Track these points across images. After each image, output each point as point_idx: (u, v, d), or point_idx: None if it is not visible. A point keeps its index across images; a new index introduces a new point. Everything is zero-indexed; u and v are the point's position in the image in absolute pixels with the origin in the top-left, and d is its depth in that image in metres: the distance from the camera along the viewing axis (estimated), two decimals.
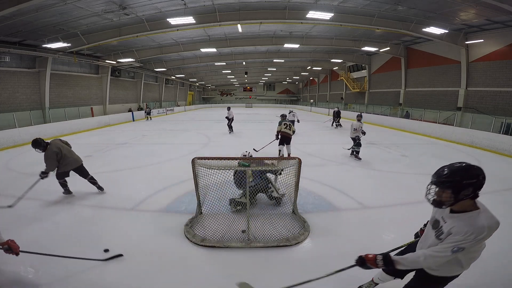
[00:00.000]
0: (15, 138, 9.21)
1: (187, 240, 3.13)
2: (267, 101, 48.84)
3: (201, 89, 48.58)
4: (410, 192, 4.79)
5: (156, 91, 28.04)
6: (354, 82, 25.55)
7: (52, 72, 14.04)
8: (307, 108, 34.17)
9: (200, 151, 8.37)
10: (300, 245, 3.06)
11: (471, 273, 2.57)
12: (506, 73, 11.86)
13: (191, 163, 3.25)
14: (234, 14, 11.02)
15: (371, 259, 1.77)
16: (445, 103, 14.82)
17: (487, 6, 9.24)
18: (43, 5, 8.40)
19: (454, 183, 1.42)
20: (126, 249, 2.96)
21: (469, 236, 1.40)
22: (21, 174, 5.81)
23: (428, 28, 11.33)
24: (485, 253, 2.86)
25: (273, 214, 3.56)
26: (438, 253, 1.47)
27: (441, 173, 1.48)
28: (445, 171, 1.47)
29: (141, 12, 10.39)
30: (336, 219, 3.75)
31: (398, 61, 18.66)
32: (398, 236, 3.30)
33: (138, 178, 5.60)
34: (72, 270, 2.60)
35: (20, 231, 3.35)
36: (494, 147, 8.58)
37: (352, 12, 11.18)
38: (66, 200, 4.34)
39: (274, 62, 26.33)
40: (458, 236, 1.42)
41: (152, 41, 15.66)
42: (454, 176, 1.43)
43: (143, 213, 3.90)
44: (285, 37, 16.16)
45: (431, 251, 1.51)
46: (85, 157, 7.46)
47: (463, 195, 1.43)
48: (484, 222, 1.45)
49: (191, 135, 11.80)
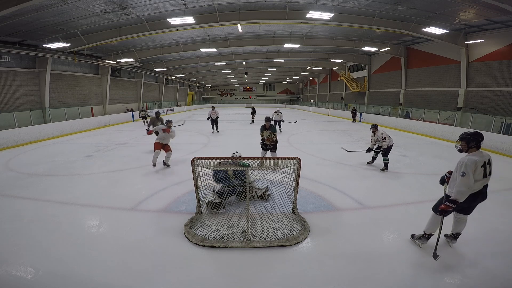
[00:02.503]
0: (15, 138, 9.20)
1: (187, 240, 3.13)
2: (267, 101, 48.84)
3: (201, 89, 48.59)
4: (410, 192, 4.79)
5: (156, 91, 28.05)
6: (354, 82, 25.55)
7: (52, 72, 14.06)
8: (307, 108, 34.17)
9: (200, 151, 8.37)
10: (300, 245, 3.06)
11: (471, 273, 2.58)
12: (506, 73, 11.86)
13: (191, 163, 3.25)
14: (234, 14, 11.02)
15: (446, 207, 2.69)
16: (445, 103, 14.82)
17: (487, 6, 9.25)
18: (43, 5, 8.41)
19: (466, 138, 2.73)
20: (126, 249, 2.97)
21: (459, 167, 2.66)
22: (21, 174, 5.81)
23: (428, 28, 11.33)
24: (485, 253, 2.89)
25: (273, 214, 3.56)
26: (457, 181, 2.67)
27: (461, 134, 2.80)
28: (462, 133, 2.80)
29: (141, 12, 10.39)
30: (336, 219, 3.75)
31: (398, 61, 18.66)
32: (398, 236, 3.30)
33: (138, 178, 5.60)
34: (73, 270, 2.61)
35: (20, 231, 3.35)
36: (494, 147, 8.57)
37: (352, 12, 11.18)
38: (66, 200, 4.34)
39: (274, 62, 26.34)
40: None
41: (152, 41, 15.67)
42: (466, 135, 2.75)
43: (143, 213, 3.90)
44: (285, 37, 16.16)
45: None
46: (85, 157, 7.53)
47: (471, 145, 2.71)
48: (464, 158, 2.66)
49: (191, 135, 11.79)
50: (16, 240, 3.12)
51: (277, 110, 12.69)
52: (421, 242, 3.01)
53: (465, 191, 2.58)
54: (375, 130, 6.21)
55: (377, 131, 6.17)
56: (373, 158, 6.63)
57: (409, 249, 3.00)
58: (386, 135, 6.02)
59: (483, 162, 2.62)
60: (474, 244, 3.09)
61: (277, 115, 12.28)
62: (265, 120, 6.30)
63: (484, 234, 3.34)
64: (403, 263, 2.74)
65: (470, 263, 2.74)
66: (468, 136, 2.71)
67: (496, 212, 3.97)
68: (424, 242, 3.00)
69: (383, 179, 5.62)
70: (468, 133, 2.74)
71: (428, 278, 2.52)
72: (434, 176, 5.80)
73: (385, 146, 6.02)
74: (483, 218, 3.80)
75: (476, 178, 2.60)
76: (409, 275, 2.57)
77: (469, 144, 2.70)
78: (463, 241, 3.15)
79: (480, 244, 3.10)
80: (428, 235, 2.98)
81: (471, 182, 2.56)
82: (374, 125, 6.35)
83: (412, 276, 2.55)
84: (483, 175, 2.64)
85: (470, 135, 2.70)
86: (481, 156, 2.65)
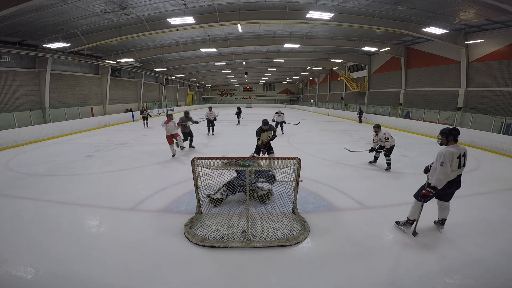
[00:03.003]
0: (15, 138, 9.21)
1: (187, 240, 3.13)
2: (267, 101, 48.85)
3: (201, 89, 48.60)
4: (410, 192, 4.77)
5: (156, 91, 28.05)
6: (354, 82, 25.54)
7: (52, 72, 14.05)
8: (307, 108, 34.18)
9: (200, 151, 8.37)
10: (300, 245, 3.06)
11: (471, 273, 2.58)
12: (506, 73, 11.86)
13: (191, 163, 3.25)
14: (234, 14, 11.02)
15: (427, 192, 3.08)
16: (445, 103, 14.82)
17: (487, 6, 9.24)
18: (43, 5, 8.40)
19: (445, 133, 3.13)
20: (126, 249, 2.97)
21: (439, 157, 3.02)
22: (21, 174, 5.81)
23: (428, 28, 11.32)
24: (485, 253, 2.89)
25: (273, 214, 3.56)
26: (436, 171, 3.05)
27: (441, 130, 3.21)
28: (442, 129, 3.21)
29: (141, 12, 10.39)
30: (336, 219, 3.75)
31: (398, 61, 18.65)
32: (398, 236, 3.30)
33: (138, 178, 5.60)
34: (73, 270, 2.61)
35: (20, 231, 3.35)
36: (494, 147, 8.57)
37: (352, 12, 11.17)
38: (66, 200, 4.34)
39: (274, 62, 26.33)
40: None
41: (152, 41, 15.66)
42: (446, 130, 3.15)
43: (143, 213, 3.90)
44: (285, 37, 16.15)
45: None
46: (85, 157, 7.53)
47: (450, 139, 3.10)
48: (442, 150, 3.04)
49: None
50: (16, 240, 3.12)
51: (279, 111, 11.99)
52: (405, 228, 3.36)
53: (443, 178, 2.97)
54: (378, 130, 6.20)
55: (380, 131, 6.16)
56: (375, 158, 6.63)
57: (409, 249, 3.00)
58: (389, 135, 6.01)
59: (459, 154, 3.03)
60: (474, 244, 3.09)
61: (279, 116, 11.66)
62: (263, 123, 5.65)
63: (485, 234, 3.34)
64: (404, 263, 2.75)
65: (470, 263, 2.74)
66: (447, 131, 3.13)
67: (496, 212, 3.98)
68: (408, 227, 3.35)
69: (383, 179, 5.62)
70: (447, 129, 3.16)
71: (428, 278, 2.52)
72: None
73: (388, 146, 6.01)
74: (483, 218, 3.81)
75: (452, 168, 2.99)
76: (409, 275, 2.57)
77: (448, 138, 3.10)
78: (463, 241, 3.15)
79: (480, 244, 3.10)
80: (412, 221, 3.33)
81: (449, 170, 2.94)
82: (377, 125, 6.31)
83: (413, 276, 2.55)
84: (458, 166, 3.05)
85: (449, 131, 3.12)
86: (458, 148, 3.04)
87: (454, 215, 3.86)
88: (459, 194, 4.69)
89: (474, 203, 4.35)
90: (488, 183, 5.36)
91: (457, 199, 4.50)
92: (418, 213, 3.22)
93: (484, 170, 6.44)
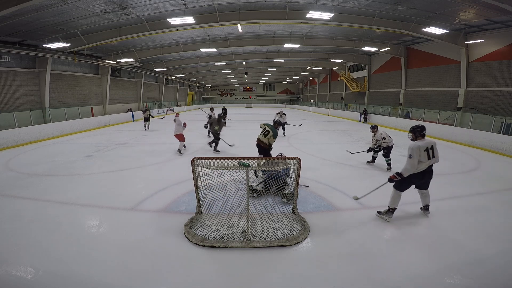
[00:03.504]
0: (15, 138, 9.20)
1: (187, 240, 3.13)
2: (267, 101, 48.87)
3: (201, 89, 48.60)
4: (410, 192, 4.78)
5: (156, 91, 28.05)
6: (354, 82, 25.55)
7: (52, 72, 14.06)
8: (307, 108, 34.18)
9: (200, 151, 8.37)
10: (300, 245, 3.06)
11: (471, 273, 2.58)
12: (506, 73, 11.86)
13: (191, 163, 3.25)
14: (234, 14, 11.02)
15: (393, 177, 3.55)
16: (445, 103, 14.82)
17: (487, 6, 9.25)
18: (43, 5, 8.41)
19: (413, 130, 3.59)
20: (126, 249, 2.97)
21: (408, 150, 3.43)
22: (21, 174, 5.81)
23: (428, 28, 11.33)
24: (485, 253, 2.89)
25: (273, 214, 3.56)
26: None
27: (410, 128, 3.66)
28: (411, 127, 3.66)
29: (141, 12, 10.39)
30: (336, 219, 3.75)
31: (398, 61, 18.66)
32: (397, 236, 3.31)
33: (138, 178, 5.60)
34: (73, 270, 2.61)
35: (20, 231, 3.35)
36: (494, 147, 8.57)
37: (352, 12, 11.18)
38: (66, 200, 4.34)
39: (274, 62, 26.34)
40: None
41: (152, 41, 15.67)
42: (413, 128, 3.61)
43: (143, 213, 3.90)
44: (285, 37, 16.16)
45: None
46: (85, 157, 7.53)
47: (417, 135, 3.54)
48: (411, 144, 3.46)
49: (191, 135, 11.79)
50: (16, 240, 3.12)
51: (281, 111, 11.61)
52: (387, 217, 3.64)
53: (410, 169, 3.40)
54: (375, 130, 6.31)
55: (377, 132, 6.25)
56: (373, 158, 6.67)
57: (409, 249, 3.00)
58: (386, 135, 6.08)
59: (426, 147, 3.44)
60: (474, 244, 3.09)
61: (280, 116, 11.22)
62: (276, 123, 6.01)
63: (485, 234, 3.34)
64: (403, 263, 2.74)
65: (470, 263, 2.74)
66: (414, 128, 3.60)
67: (496, 212, 3.98)
68: (390, 216, 3.64)
69: (382, 179, 5.57)
70: (415, 126, 3.63)
71: (428, 278, 2.52)
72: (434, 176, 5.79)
73: (385, 146, 6.09)
74: (483, 218, 3.81)
75: (421, 159, 3.41)
76: (409, 275, 2.57)
77: (415, 134, 3.56)
78: (463, 241, 3.15)
79: (480, 244, 3.10)
80: (393, 209, 3.65)
81: (415, 162, 3.38)
82: (374, 126, 6.45)
83: (412, 276, 2.55)
84: (428, 157, 3.44)
85: (416, 128, 3.59)
86: (425, 142, 3.47)
87: (455, 215, 3.87)
88: (459, 194, 4.73)
89: (474, 203, 4.35)
90: (488, 183, 5.36)
91: (457, 199, 4.53)
92: (398, 202, 3.62)
93: (484, 170, 6.44)
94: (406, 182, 3.52)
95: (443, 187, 5.01)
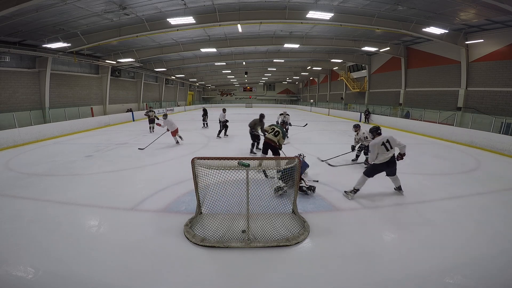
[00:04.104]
0: (15, 138, 9.20)
1: (187, 240, 3.13)
2: (267, 101, 48.87)
3: (201, 89, 48.60)
4: (409, 192, 4.79)
5: (156, 91, 28.05)
6: (354, 82, 25.55)
7: (52, 72, 14.05)
8: (307, 108, 34.17)
9: (200, 151, 8.37)
10: (300, 245, 3.06)
11: (471, 273, 2.58)
12: (506, 73, 11.86)
13: (191, 163, 3.25)
14: (234, 14, 11.02)
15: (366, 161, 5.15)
16: (445, 103, 14.82)
17: (487, 6, 9.25)
18: (43, 5, 8.41)
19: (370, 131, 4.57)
20: (126, 249, 2.97)
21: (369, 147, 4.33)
22: (21, 174, 5.81)
23: (428, 28, 11.32)
24: (485, 253, 2.89)
25: (273, 214, 3.55)
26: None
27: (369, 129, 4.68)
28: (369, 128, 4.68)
29: (141, 12, 10.39)
30: (336, 219, 3.75)
31: (398, 61, 18.66)
32: (398, 236, 3.31)
33: (138, 178, 5.60)
34: (73, 270, 2.61)
35: (20, 231, 3.35)
36: (494, 147, 8.57)
37: (352, 12, 11.18)
38: (66, 200, 4.34)
39: (274, 62, 26.33)
40: None
41: (152, 41, 15.67)
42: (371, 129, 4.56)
43: (143, 213, 3.90)
44: (285, 37, 16.15)
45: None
46: (85, 157, 7.53)
47: (374, 134, 4.43)
48: (371, 142, 4.31)
49: (191, 135, 11.79)
50: (16, 240, 3.12)
51: (284, 112, 10.89)
52: (351, 195, 4.39)
53: (372, 158, 4.31)
54: (358, 129, 6.69)
55: (360, 131, 6.62)
56: (357, 156, 7.01)
57: (409, 249, 3.00)
58: (368, 134, 6.18)
59: (382, 142, 4.21)
60: (474, 244, 3.09)
61: (284, 117, 10.53)
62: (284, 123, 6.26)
63: (485, 234, 3.34)
64: (403, 263, 2.74)
65: (470, 263, 2.74)
66: (371, 130, 4.50)
67: (496, 212, 3.97)
68: (352, 195, 4.40)
69: (382, 179, 5.58)
70: (371, 128, 4.52)
71: (428, 278, 2.52)
72: (434, 176, 5.81)
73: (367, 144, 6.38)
74: (483, 218, 3.81)
75: (381, 152, 4.21)
76: (409, 275, 2.57)
77: (373, 134, 4.46)
78: (463, 241, 3.15)
79: (480, 244, 3.10)
80: (356, 190, 4.40)
81: (374, 155, 4.24)
82: (356, 125, 6.84)
83: (412, 276, 2.55)
84: (386, 149, 4.21)
85: (372, 129, 4.50)
86: (380, 138, 4.24)
87: (455, 215, 3.87)
88: (459, 194, 4.73)
89: (474, 203, 4.35)
90: (488, 183, 5.36)
91: (457, 199, 4.53)
92: (363, 185, 4.39)
93: (484, 170, 6.44)
94: (375, 170, 4.30)
95: (443, 187, 5.01)
